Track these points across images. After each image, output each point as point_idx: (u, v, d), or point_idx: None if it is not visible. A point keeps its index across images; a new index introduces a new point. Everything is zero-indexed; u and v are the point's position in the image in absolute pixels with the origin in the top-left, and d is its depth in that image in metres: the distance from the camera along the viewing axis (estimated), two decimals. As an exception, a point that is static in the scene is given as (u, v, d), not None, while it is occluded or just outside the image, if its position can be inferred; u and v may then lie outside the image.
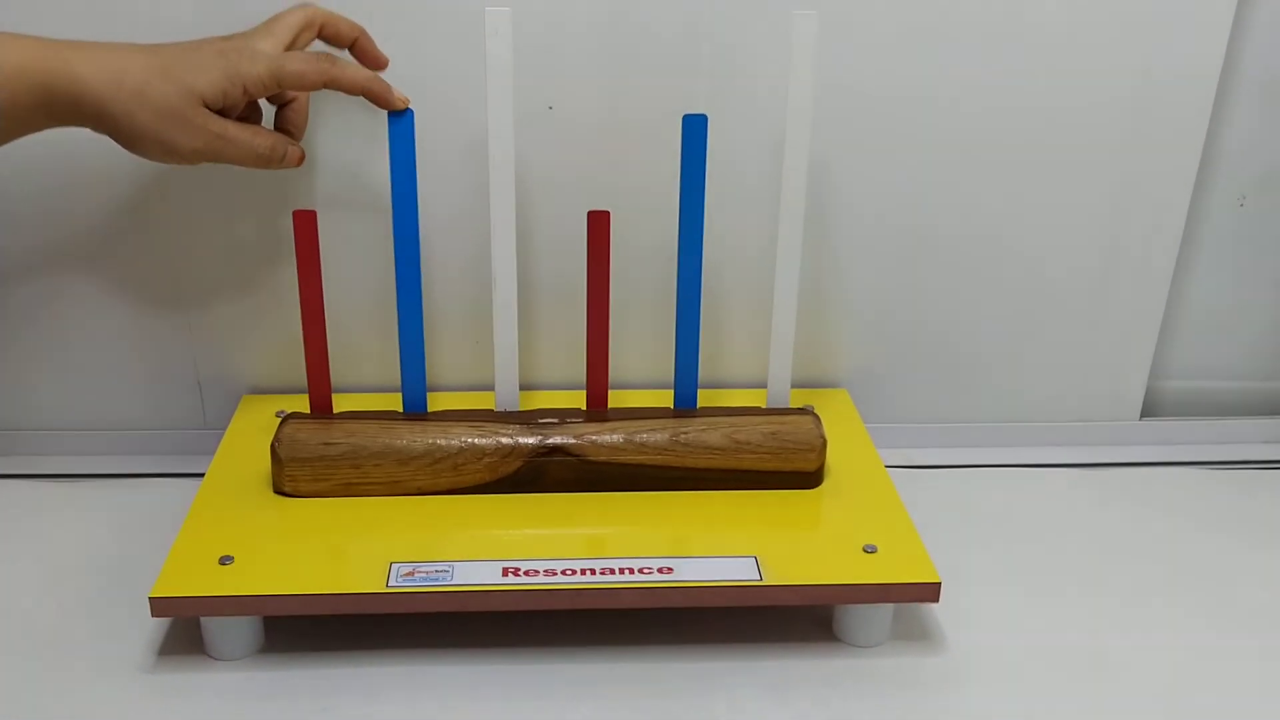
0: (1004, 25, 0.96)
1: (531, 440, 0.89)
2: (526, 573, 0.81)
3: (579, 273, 0.94)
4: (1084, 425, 1.12)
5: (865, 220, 1.03)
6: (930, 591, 0.82)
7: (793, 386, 1.03)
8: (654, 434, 0.90)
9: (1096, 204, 1.03)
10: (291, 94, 0.90)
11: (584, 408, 0.96)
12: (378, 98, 0.86)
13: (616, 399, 0.99)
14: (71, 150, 0.96)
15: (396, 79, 0.94)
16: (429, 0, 0.93)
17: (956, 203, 1.03)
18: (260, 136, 0.85)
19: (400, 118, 0.87)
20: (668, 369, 0.99)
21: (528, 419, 0.91)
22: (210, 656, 0.82)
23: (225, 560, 0.81)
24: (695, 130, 0.88)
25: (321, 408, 0.94)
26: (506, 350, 0.95)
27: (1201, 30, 0.98)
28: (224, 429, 1.00)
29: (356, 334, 1.04)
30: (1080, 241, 1.05)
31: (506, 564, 0.81)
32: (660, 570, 0.81)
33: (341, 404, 0.96)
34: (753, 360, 1.06)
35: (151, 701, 0.79)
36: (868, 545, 0.84)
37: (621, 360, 1.04)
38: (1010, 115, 1.00)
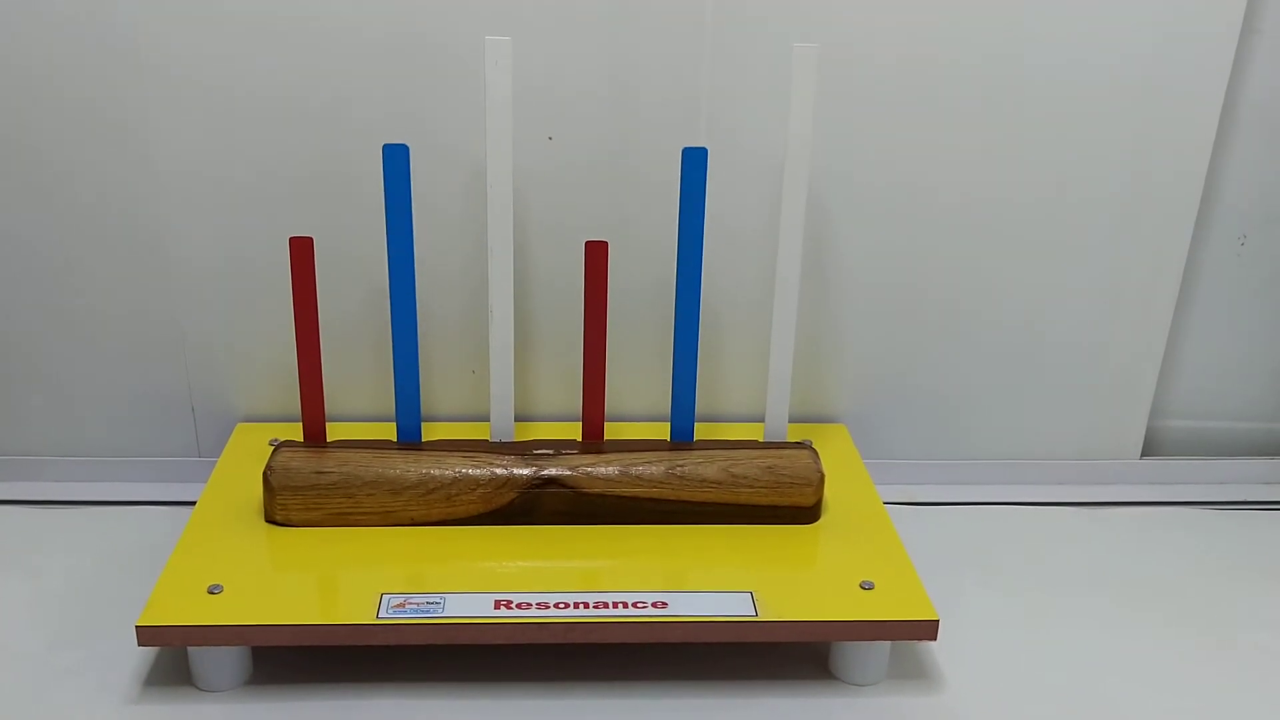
0: (1003, 76, 0.97)
1: (526, 472, 0.88)
2: (519, 605, 0.80)
3: (576, 303, 0.94)
4: (1084, 464, 1.12)
5: (865, 257, 1.02)
6: (928, 629, 0.81)
7: (791, 421, 1.02)
8: (650, 467, 0.89)
9: (1097, 243, 1.03)
10: None
11: (580, 439, 0.96)
12: None
13: (613, 431, 0.98)
14: (66, 180, 0.96)
15: (396, 107, 0.95)
16: (429, 28, 0.93)
17: (959, 242, 1.02)
18: None
19: (396, 148, 0.86)
20: (665, 402, 0.98)
21: (522, 450, 0.90)
22: (197, 687, 0.81)
23: (214, 589, 0.80)
24: (695, 163, 0.88)
25: (315, 436, 0.93)
26: (502, 380, 0.94)
27: (1202, 70, 0.98)
28: (217, 457, 0.99)
29: (351, 362, 1.03)
30: (1081, 279, 1.05)
31: (499, 596, 0.81)
32: (655, 605, 0.80)
33: (335, 433, 0.96)
34: (750, 394, 1.06)
35: (136, 732, 0.78)
36: (865, 582, 0.83)
37: (618, 392, 1.03)
38: (1012, 156, 1.00)
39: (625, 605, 0.80)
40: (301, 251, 0.87)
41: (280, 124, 0.95)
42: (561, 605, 0.80)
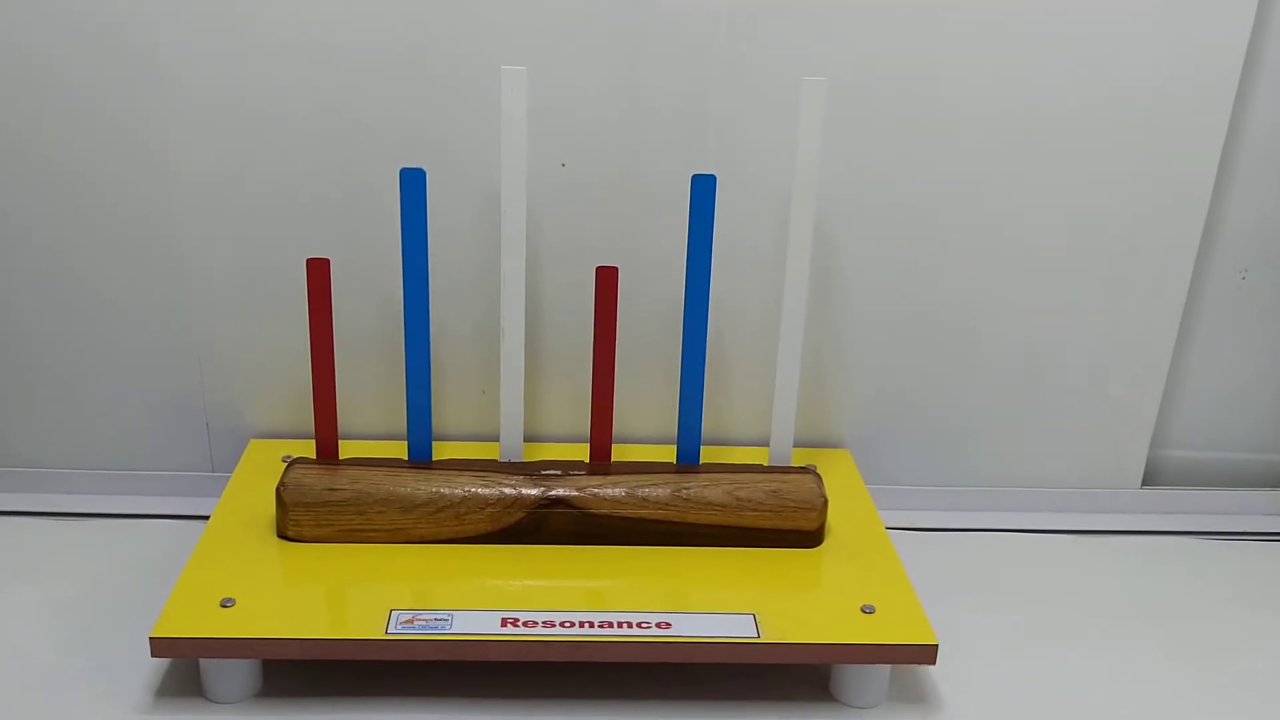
0: (1008, 109, 0.98)
1: (534, 491, 0.90)
2: (525, 623, 0.81)
3: (586, 327, 0.95)
4: (1085, 492, 1.13)
5: (871, 285, 1.04)
6: (927, 654, 0.82)
7: (795, 446, 1.03)
8: (656, 488, 0.91)
9: (1099, 275, 1.05)
10: None
11: (587, 460, 0.97)
12: None
13: (620, 453, 0.99)
14: (83, 191, 0.97)
15: (412, 134, 0.96)
16: (446, 54, 0.95)
17: (963, 271, 1.04)
18: None
19: (412, 172, 0.88)
20: (672, 425, 1.00)
21: (531, 470, 0.92)
22: (208, 699, 0.83)
23: (226, 603, 0.82)
24: (704, 190, 0.89)
25: (328, 453, 0.94)
26: (512, 402, 0.95)
27: (1204, 103, 0.99)
28: (231, 472, 1.00)
29: (365, 382, 1.05)
30: (1083, 309, 1.06)
31: (506, 614, 0.82)
32: (658, 625, 0.82)
33: (348, 450, 0.97)
34: (756, 419, 1.07)
35: (147, 742, 0.80)
36: (866, 605, 0.85)
37: (626, 415, 1.05)
38: (1016, 187, 1.01)
39: (630, 625, 0.81)
40: (318, 273, 0.89)
41: (299, 144, 0.97)
42: (567, 624, 0.81)
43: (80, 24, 0.93)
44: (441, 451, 1.01)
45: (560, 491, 0.90)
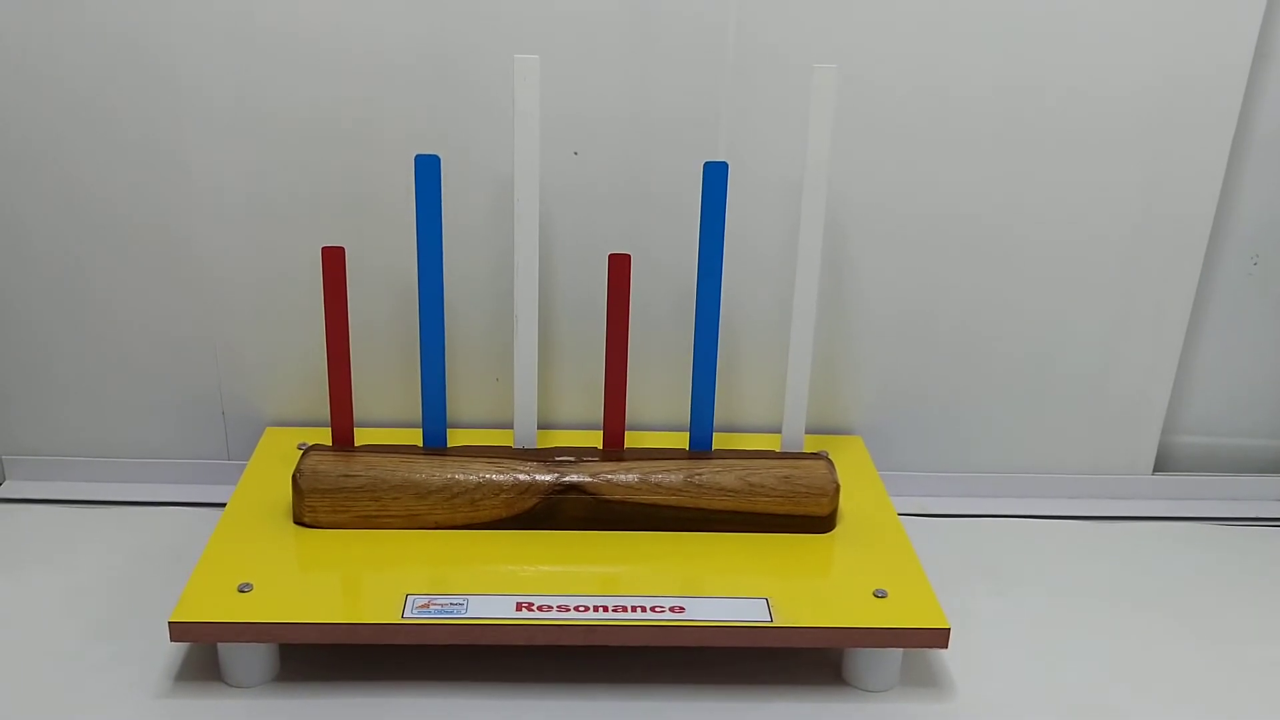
0: (1018, 92, 0.98)
1: (548, 478, 0.90)
2: (540, 608, 0.82)
3: (599, 314, 0.95)
4: (1097, 478, 1.13)
5: (883, 272, 1.04)
6: (939, 637, 0.82)
7: (807, 432, 1.04)
8: (669, 474, 0.91)
9: (1111, 260, 1.05)
10: None
11: (600, 447, 0.98)
12: None
13: (633, 440, 1.00)
14: (105, 194, 0.98)
15: (426, 123, 0.97)
16: (457, 54, 0.95)
17: (975, 257, 1.04)
18: None
19: (427, 158, 0.89)
20: (684, 411, 1.00)
21: (545, 457, 0.92)
22: (226, 683, 0.83)
23: (244, 588, 0.82)
24: (716, 177, 0.90)
25: (343, 441, 0.95)
26: (526, 389, 0.96)
27: (1215, 91, 0.99)
28: (247, 460, 1.01)
29: (380, 369, 1.05)
30: (1095, 295, 1.06)
31: (520, 599, 0.82)
32: (672, 609, 0.82)
33: (363, 438, 0.98)
34: (768, 405, 1.07)
35: (167, 726, 0.80)
36: (878, 590, 0.85)
37: (639, 402, 1.05)
38: (1027, 174, 1.01)
39: (643, 609, 0.82)
40: (333, 260, 0.90)
41: (311, 142, 0.97)
42: (581, 608, 0.82)
43: (94, 33, 0.93)
44: (456, 439, 1.01)
45: (574, 477, 0.90)
